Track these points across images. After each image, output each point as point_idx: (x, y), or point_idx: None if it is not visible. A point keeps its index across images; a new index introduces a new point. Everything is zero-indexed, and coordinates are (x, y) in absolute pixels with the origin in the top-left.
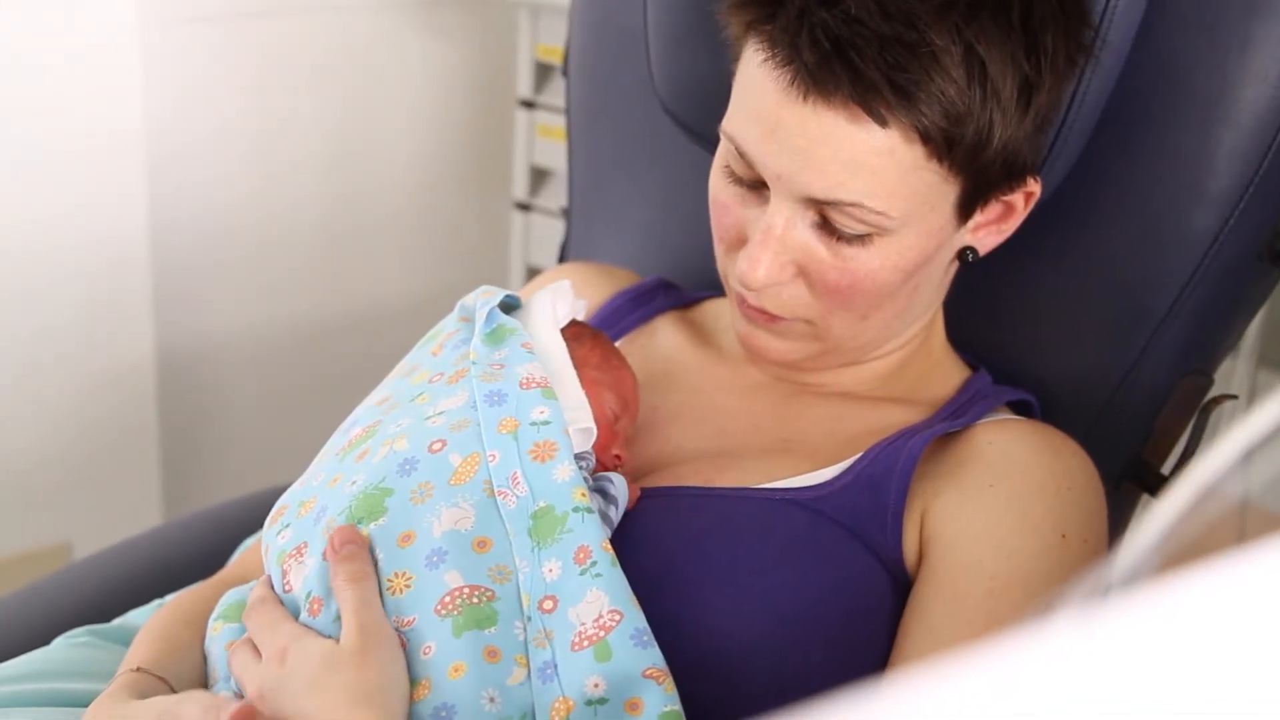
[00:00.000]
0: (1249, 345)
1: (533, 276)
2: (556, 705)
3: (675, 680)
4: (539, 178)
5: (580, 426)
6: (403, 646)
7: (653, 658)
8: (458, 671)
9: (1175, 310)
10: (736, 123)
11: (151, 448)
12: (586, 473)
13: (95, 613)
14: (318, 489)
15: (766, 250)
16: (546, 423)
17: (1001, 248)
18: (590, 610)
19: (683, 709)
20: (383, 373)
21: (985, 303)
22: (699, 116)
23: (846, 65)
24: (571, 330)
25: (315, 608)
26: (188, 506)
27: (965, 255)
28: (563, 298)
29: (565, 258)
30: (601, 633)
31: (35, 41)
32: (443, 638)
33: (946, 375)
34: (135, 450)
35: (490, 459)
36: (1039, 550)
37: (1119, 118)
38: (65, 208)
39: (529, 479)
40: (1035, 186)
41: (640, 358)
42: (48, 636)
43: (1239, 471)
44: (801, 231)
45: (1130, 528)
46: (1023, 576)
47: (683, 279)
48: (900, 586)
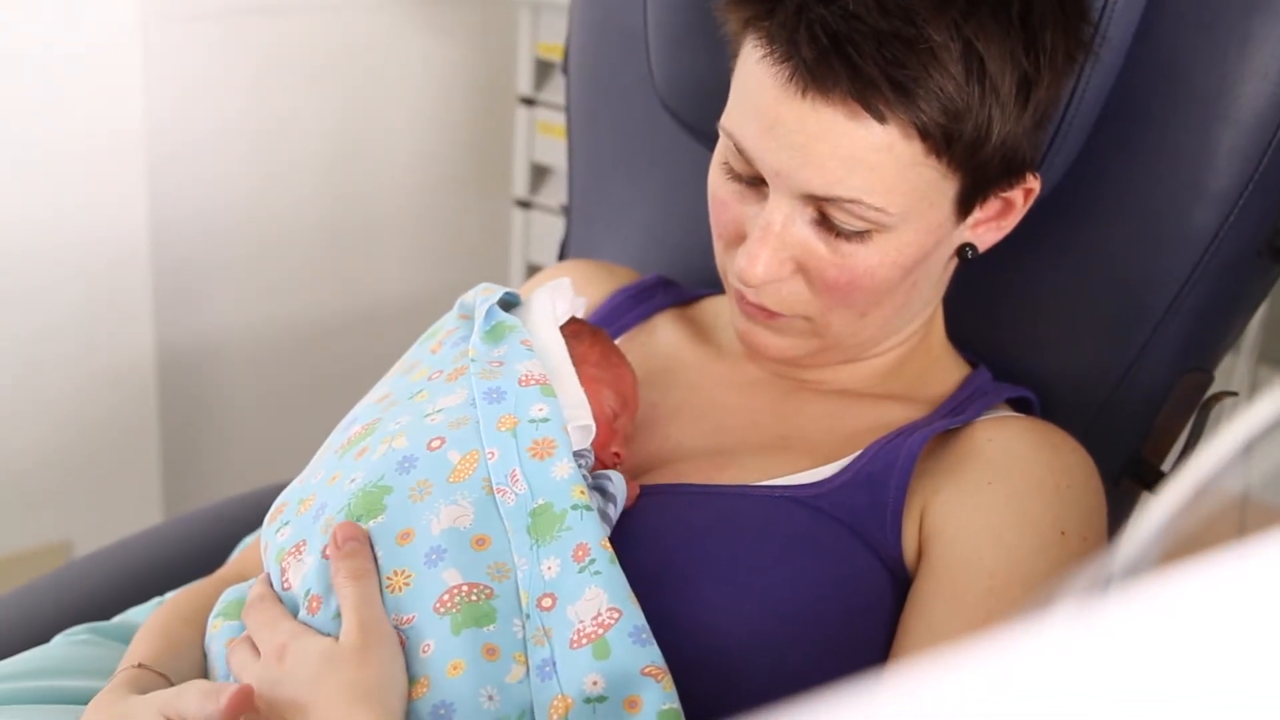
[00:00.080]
0: (1249, 342)
1: (533, 274)
2: (555, 703)
3: (674, 678)
4: (539, 175)
5: (579, 424)
6: (402, 644)
7: (651, 655)
8: (456, 669)
9: (1175, 307)
10: (735, 119)
11: (151, 447)
12: (585, 470)
13: (95, 610)
14: (317, 487)
15: (765, 247)
16: (545, 420)
17: (1001, 245)
18: (589, 608)
19: (681, 707)
20: (383, 371)
21: (985, 300)
22: (699, 114)
23: (845, 61)
24: (571, 328)
25: (314, 605)
26: (188, 505)
27: (964, 252)
28: (562, 295)
29: (565, 255)
30: (600, 630)
31: (35, 41)
32: (441, 635)
33: (946, 372)
34: (135, 449)
35: (489, 456)
36: (1038, 547)
37: (1119, 115)
38: (65, 208)
39: (528, 476)
40: (1034, 183)
41: (640, 355)
42: (48, 634)
43: (1239, 466)
44: (800, 228)
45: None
46: (1022, 574)
47: (682, 276)
48: (900, 584)
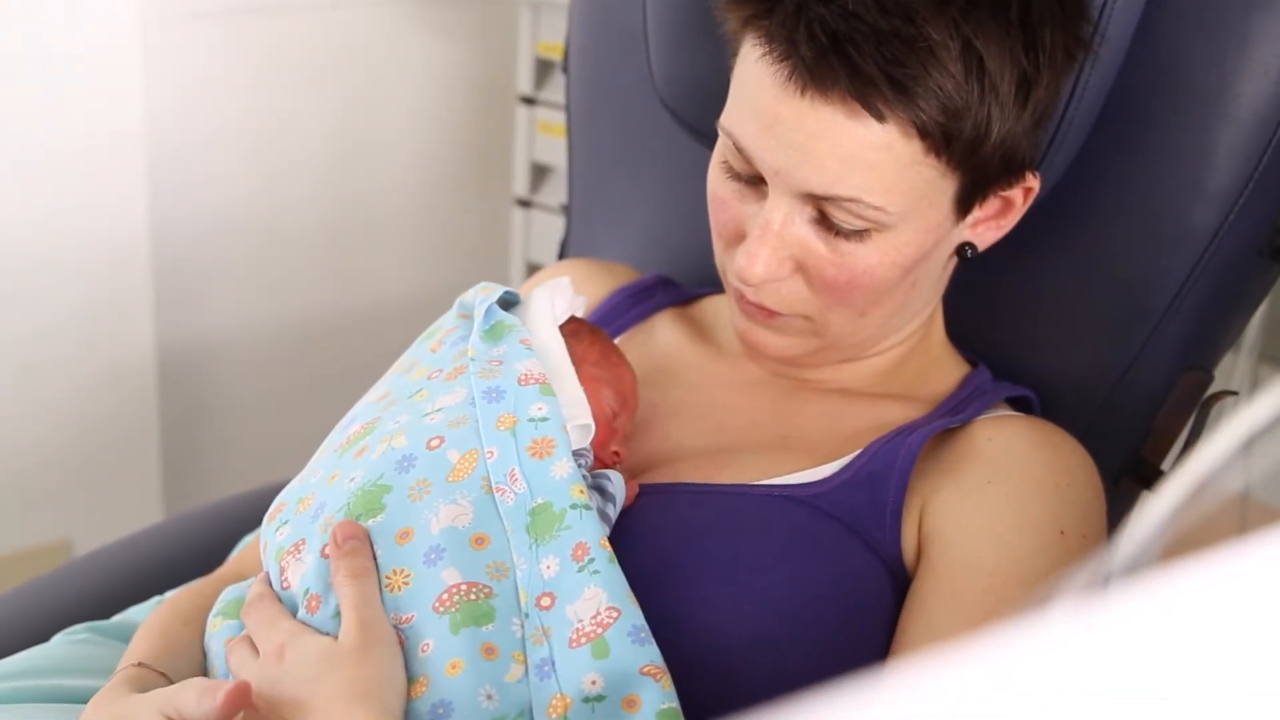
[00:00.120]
0: (1249, 341)
1: (533, 273)
2: (554, 702)
3: (673, 677)
4: (539, 174)
5: (578, 423)
6: (401, 644)
7: (650, 655)
8: (455, 668)
9: (1175, 307)
10: (734, 118)
11: (151, 446)
12: (585, 469)
13: (95, 609)
14: (316, 486)
15: (765, 246)
16: (544, 419)
17: (1001, 244)
18: (588, 607)
19: (681, 706)
20: (383, 370)
21: (985, 299)
22: (699, 114)
23: (844, 60)
24: (570, 327)
25: (313, 604)
26: (188, 505)
27: (964, 251)
28: (561, 294)
29: (565, 255)
30: (599, 630)
31: (35, 41)
32: (440, 635)
33: (946, 371)
34: (135, 449)
35: (488, 455)
36: (1038, 547)
37: (1118, 114)
38: (65, 208)
39: (527, 475)
40: (1034, 182)
41: (639, 354)
42: (47, 633)
43: (1239, 463)
44: (800, 227)
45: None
46: (1021, 573)
47: (682, 276)
48: (899, 583)
